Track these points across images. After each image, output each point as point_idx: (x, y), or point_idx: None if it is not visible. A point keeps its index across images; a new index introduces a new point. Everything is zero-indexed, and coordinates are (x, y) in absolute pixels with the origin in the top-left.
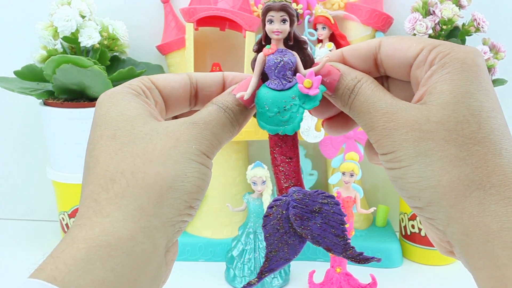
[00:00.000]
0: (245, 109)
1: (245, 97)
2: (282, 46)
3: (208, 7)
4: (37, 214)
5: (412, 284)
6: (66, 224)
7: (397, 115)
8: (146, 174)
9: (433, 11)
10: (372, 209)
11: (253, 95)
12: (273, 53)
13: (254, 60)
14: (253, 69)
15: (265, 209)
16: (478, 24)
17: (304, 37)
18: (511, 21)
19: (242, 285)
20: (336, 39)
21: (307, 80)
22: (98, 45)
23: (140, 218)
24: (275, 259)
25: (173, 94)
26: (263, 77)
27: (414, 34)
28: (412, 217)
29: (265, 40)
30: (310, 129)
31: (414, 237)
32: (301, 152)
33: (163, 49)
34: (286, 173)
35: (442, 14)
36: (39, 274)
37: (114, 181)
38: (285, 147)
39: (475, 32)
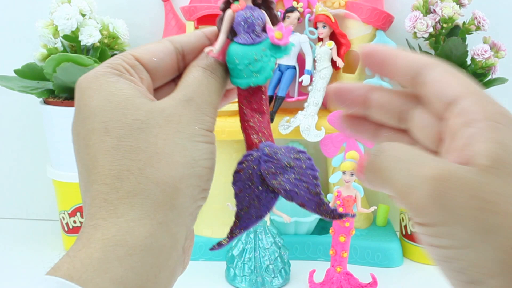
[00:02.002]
0: (227, 67)
1: (214, 52)
2: (250, 4)
3: (209, 5)
4: (38, 213)
5: (412, 283)
6: (67, 223)
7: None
8: (155, 169)
9: (434, 10)
10: (372, 208)
11: (224, 53)
12: (242, 9)
13: (220, 18)
14: (218, 28)
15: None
16: (479, 22)
17: None
18: (511, 20)
19: (239, 283)
20: (337, 37)
21: (278, 32)
22: (98, 44)
23: (156, 213)
24: (247, 216)
25: (160, 65)
26: (232, 35)
27: (415, 33)
28: None
29: None
30: (311, 128)
31: (414, 236)
32: None
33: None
34: (256, 128)
35: (443, 12)
36: (55, 272)
37: (122, 180)
38: (254, 102)
39: (476, 30)
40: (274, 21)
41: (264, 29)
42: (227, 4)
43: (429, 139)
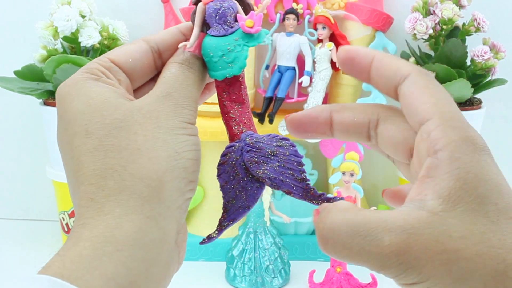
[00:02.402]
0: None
1: (188, 47)
2: None
3: None
4: (37, 214)
5: None
6: (67, 224)
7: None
8: (138, 164)
9: (433, 11)
10: (372, 209)
11: (200, 47)
12: (212, 1)
13: (194, 12)
14: (192, 21)
15: (265, 210)
16: (478, 24)
17: None
18: (511, 21)
19: (237, 281)
20: (336, 39)
21: (249, 20)
22: (98, 45)
23: (143, 208)
24: (234, 208)
25: (137, 66)
26: (207, 28)
27: (415, 34)
28: None
29: None
30: None
31: None
32: (301, 152)
33: None
34: (237, 119)
35: (442, 14)
36: (45, 271)
37: (106, 178)
38: (232, 93)
39: (475, 32)
40: (247, 9)
41: (236, 19)
42: None
43: (399, 155)
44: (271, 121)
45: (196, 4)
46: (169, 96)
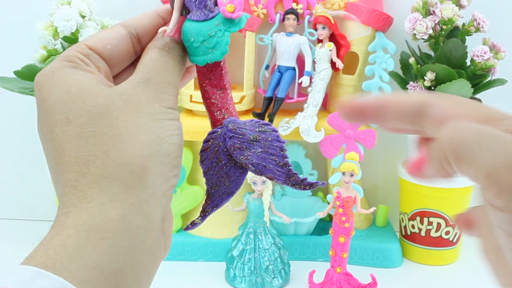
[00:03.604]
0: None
1: (168, 32)
2: None
3: None
4: (37, 214)
5: (412, 284)
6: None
7: None
8: (120, 150)
9: (433, 11)
10: (372, 209)
11: (180, 31)
12: None
13: None
14: (171, 5)
15: (265, 210)
16: (478, 24)
17: None
18: (511, 21)
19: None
20: (336, 39)
21: (229, 5)
22: None
23: (127, 195)
24: (217, 194)
25: (116, 52)
26: (187, 12)
27: (414, 34)
28: (412, 217)
29: None
30: (310, 129)
31: (414, 237)
32: (301, 152)
33: None
34: (219, 105)
35: (442, 14)
36: (29, 261)
37: (88, 165)
38: (214, 78)
39: (475, 32)
40: None
41: (216, 3)
42: None
43: None
44: (271, 121)
45: None
46: (149, 81)
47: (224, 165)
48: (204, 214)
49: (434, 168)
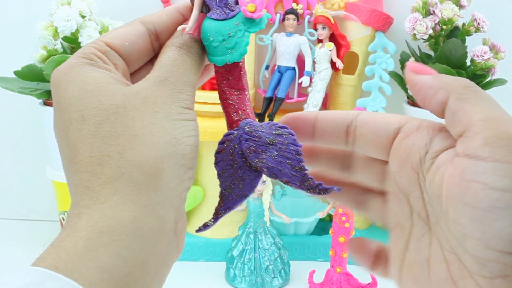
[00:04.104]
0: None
1: (187, 30)
2: None
3: None
4: (37, 214)
5: None
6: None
7: None
8: (135, 151)
9: (433, 11)
10: None
11: (199, 29)
12: None
13: None
14: (191, 2)
15: (265, 210)
16: (478, 24)
17: None
18: (511, 21)
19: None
20: (336, 39)
21: (250, 4)
22: None
23: (140, 196)
24: (231, 196)
25: (133, 49)
26: (207, 10)
27: (414, 34)
28: None
29: None
30: None
31: None
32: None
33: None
34: (236, 106)
35: (442, 14)
36: (40, 263)
37: (102, 165)
38: (232, 79)
39: (475, 32)
40: None
41: (237, 2)
42: None
43: (378, 149)
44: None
45: None
46: (166, 81)
47: (239, 168)
48: (217, 216)
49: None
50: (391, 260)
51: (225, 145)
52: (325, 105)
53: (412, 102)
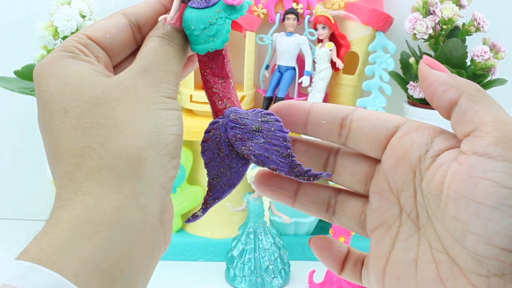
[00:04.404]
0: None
1: (168, 19)
2: None
3: None
4: (37, 213)
5: None
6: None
7: None
8: (116, 141)
9: (433, 11)
10: None
11: (181, 19)
12: None
13: None
14: None
15: (265, 210)
16: (478, 23)
17: None
18: (511, 21)
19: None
20: (336, 38)
21: None
22: None
23: (122, 187)
24: (219, 186)
25: (115, 41)
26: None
27: (414, 34)
28: None
29: None
30: None
31: None
32: None
33: None
34: (220, 95)
35: (442, 13)
36: (23, 256)
37: (84, 157)
38: (215, 67)
39: (475, 31)
40: None
41: None
42: None
43: (372, 146)
44: None
45: None
46: (148, 70)
47: (225, 156)
48: (206, 206)
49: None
50: (370, 261)
51: (211, 133)
52: None
53: (412, 102)
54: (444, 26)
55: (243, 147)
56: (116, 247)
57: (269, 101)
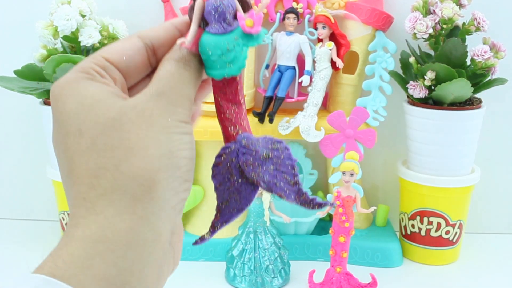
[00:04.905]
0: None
1: (186, 44)
2: None
3: None
4: (37, 214)
5: (412, 284)
6: (66, 224)
7: None
8: (130, 163)
9: (434, 10)
10: (372, 209)
11: (197, 44)
12: None
13: (191, 8)
14: (190, 17)
15: (265, 209)
16: (478, 23)
17: None
18: (511, 21)
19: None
20: (336, 38)
21: (249, 19)
22: (98, 44)
23: (135, 207)
24: (228, 210)
25: (131, 63)
26: (204, 25)
27: (415, 33)
28: (412, 217)
29: None
30: (310, 128)
31: (414, 236)
32: (301, 151)
33: None
34: (233, 120)
35: (443, 13)
36: (38, 271)
37: (98, 178)
38: (229, 93)
39: (475, 31)
40: (246, 7)
41: (235, 17)
42: None
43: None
44: (271, 121)
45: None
46: (163, 94)
47: (235, 181)
48: (214, 229)
49: None
50: None
51: (222, 158)
52: (325, 104)
53: (412, 102)
54: (444, 26)
55: (253, 173)
56: (128, 265)
57: (269, 100)
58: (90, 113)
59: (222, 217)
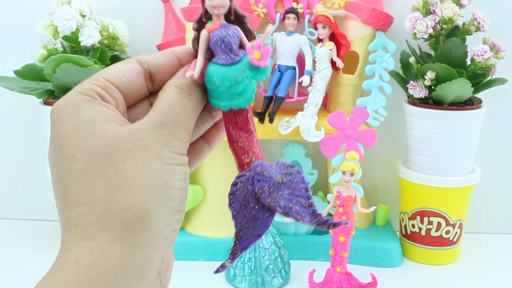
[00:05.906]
0: (205, 87)
1: (195, 76)
2: (223, 21)
3: None
4: (38, 213)
5: (412, 283)
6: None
7: None
8: (125, 192)
9: (434, 10)
10: (372, 208)
11: (203, 74)
12: (217, 29)
13: (196, 38)
14: (195, 48)
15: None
16: (479, 23)
17: (244, 12)
18: (511, 21)
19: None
20: (337, 38)
21: (257, 52)
22: (98, 45)
23: (128, 236)
24: (246, 236)
25: (130, 85)
26: (209, 55)
27: (415, 34)
28: (413, 217)
29: (205, 17)
30: (310, 128)
31: (414, 236)
32: (301, 151)
33: (164, 49)
34: (246, 148)
35: (443, 13)
36: None
37: (90, 205)
38: (240, 122)
39: (476, 31)
40: (249, 35)
41: (241, 46)
42: (201, 24)
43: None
44: (271, 121)
45: (197, 30)
46: (163, 126)
47: (252, 208)
48: (234, 256)
49: None
50: None
51: (238, 186)
52: (325, 104)
53: (412, 102)
54: (444, 26)
55: (269, 199)
56: None
57: (269, 100)
58: (85, 139)
59: (241, 244)
